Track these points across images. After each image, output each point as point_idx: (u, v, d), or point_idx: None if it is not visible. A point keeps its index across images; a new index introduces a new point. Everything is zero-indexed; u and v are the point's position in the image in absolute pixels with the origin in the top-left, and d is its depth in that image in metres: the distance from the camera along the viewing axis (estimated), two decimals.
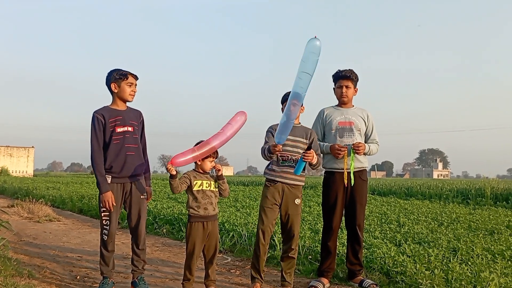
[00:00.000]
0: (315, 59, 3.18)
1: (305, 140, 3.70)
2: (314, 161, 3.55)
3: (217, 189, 3.57)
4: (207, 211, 3.47)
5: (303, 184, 3.76)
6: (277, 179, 3.65)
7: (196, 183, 3.50)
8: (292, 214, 3.66)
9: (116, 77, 3.63)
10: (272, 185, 3.66)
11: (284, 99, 3.69)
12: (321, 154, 3.83)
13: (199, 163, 3.53)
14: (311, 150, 3.49)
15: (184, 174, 3.58)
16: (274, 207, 3.65)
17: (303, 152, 3.50)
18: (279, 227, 3.96)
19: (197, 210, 3.47)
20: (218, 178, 3.57)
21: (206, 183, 3.53)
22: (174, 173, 3.36)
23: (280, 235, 3.99)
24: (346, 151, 3.75)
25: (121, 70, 3.65)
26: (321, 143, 3.91)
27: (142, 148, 3.75)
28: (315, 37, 3.15)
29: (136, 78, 3.69)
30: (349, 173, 3.78)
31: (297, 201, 3.69)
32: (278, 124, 3.63)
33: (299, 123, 3.79)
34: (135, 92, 3.68)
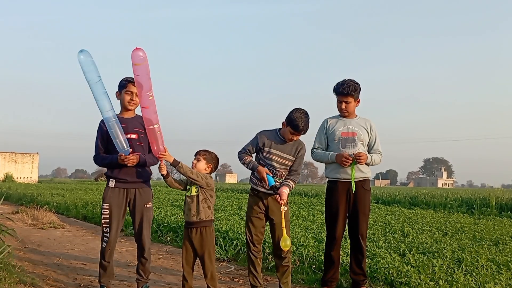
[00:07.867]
0: (90, 68, 3.25)
1: (291, 157, 3.71)
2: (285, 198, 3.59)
3: (196, 194, 3.50)
4: (188, 217, 3.53)
5: None
6: (259, 188, 3.70)
7: (189, 188, 3.58)
8: (278, 222, 3.64)
9: (119, 86, 3.64)
10: (255, 194, 3.75)
11: (289, 124, 3.61)
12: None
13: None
14: (280, 195, 3.52)
15: None
16: (260, 216, 3.72)
17: (275, 192, 3.54)
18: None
19: (184, 214, 3.62)
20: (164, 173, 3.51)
21: (191, 188, 3.57)
22: (165, 173, 3.48)
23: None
24: (352, 161, 3.75)
25: (126, 78, 3.60)
26: (326, 152, 3.92)
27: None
28: (81, 50, 3.23)
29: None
30: (350, 181, 3.79)
31: (283, 208, 3.61)
32: (269, 130, 3.75)
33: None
34: (134, 100, 3.59)
